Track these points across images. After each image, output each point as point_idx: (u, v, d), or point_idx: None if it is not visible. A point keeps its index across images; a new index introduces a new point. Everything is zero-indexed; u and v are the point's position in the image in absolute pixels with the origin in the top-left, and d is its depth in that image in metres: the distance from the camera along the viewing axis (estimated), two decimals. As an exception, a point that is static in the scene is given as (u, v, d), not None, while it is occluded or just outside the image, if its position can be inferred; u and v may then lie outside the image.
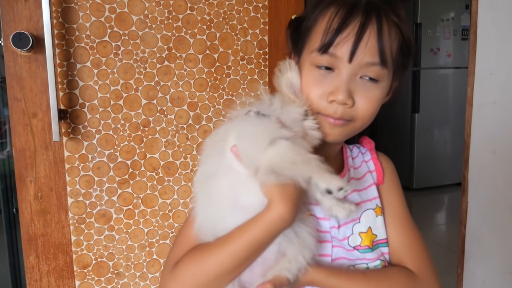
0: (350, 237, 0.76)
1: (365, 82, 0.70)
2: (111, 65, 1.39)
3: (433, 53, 4.14)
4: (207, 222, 0.66)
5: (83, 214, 1.43)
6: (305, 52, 0.74)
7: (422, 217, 3.66)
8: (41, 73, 1.32)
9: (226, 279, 0.63)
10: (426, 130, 4.21)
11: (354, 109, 0.71)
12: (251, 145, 0.64)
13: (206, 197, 0.67)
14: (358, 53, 0.67)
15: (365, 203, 0.78)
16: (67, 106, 1.37)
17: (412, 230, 0.81)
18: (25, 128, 1.34)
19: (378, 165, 0.83)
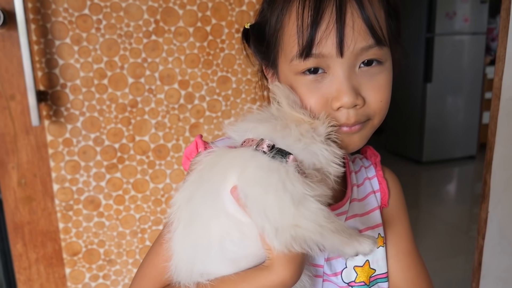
0: (344, 272, 0.66)
1: (367, 70, 0.59)
2: (93, 41, 1.27)
3: (448, 17, 3.91)
4: (185, 263, 0.56)
5: (70, 201, 1.36)
6: (281, 63, 0.61)
7: (431, 193, 3.56)
8: (16, 51, 1.21)
9: None
10: (438, 100, 4.04)
11: (367, 106, 0.60)
12: (269, 198, 0.50)
13: (189, 237, 0.56)
14: (348, 42, 0.55)
15: (366, 231, 0.67)
16: (47, 87, 1.26)
17: (418, 263, 0.70)
18: (3, 111, 1.25)
19: (383, 184, 0.71)
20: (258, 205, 0.50)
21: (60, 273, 1.41)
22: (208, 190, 0.55)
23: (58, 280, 1.41)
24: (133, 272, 1.46)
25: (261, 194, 0.50)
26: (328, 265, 0.66)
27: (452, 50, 3.97)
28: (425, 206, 3.25)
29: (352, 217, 0.67)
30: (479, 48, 4.00)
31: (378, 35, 0.57)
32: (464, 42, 3.99)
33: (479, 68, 4.01)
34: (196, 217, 0.55)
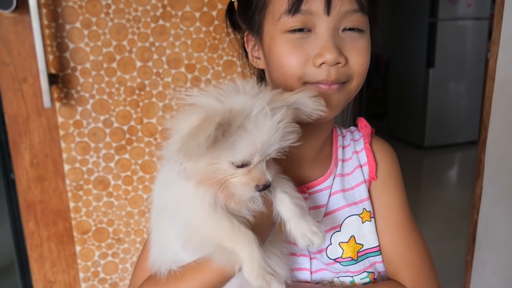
0: (329, 248, 0.66)
1: (350, 34, 0.61)
2: (102, 25, 1.31)
3: (452, 2, 3.90)
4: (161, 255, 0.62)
5: (81, 181, 1.40)
6: (268, 23, 0.63)
7: (432, 177, 3.60)
8: (28, 35, 1.25)
9: None
10: (440, 85, 4.05)
11: (348, 66, 0.61)
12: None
13: (160, 231, 0.62)
14: (335, 2, 0.58)
15: (349, 207, 0.67)
16: (58, 70, 1.30)
17: (410, 236, 0.69)
18: (15, 93, 1.28)
19: (370, 156, 0.71)
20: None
21: (71, 251, 1.46)
22: (168, 186, 0.60)
23: (68, 257, 1.47)
24: (140, 251, 1.52)
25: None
26: None
27: (455, 36, 3.97)
28: (427, 191, 3.30)
29: (336, 192, 0.67)
30: (482, 33, 3.99)
31: (361, 2, 0.59)
32: (467, 28, 3.99)
33: (482, 54, 4.01)
34: (161, 212, 0.60)
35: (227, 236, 0.51)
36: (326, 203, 0.66)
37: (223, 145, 0.49)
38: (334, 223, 0.66)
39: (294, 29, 0.59)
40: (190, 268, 0.59)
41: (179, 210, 0.56)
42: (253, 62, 0.70)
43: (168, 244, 0.61)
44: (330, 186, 0.68)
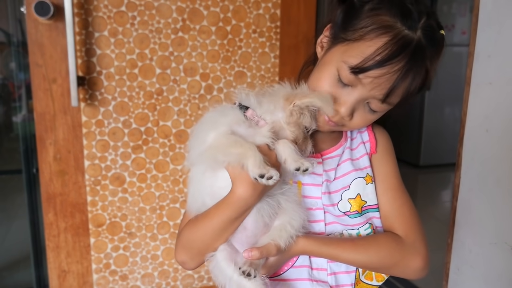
0: (340, 203, 0.81)
1: (367, 108, 0.77)
2: (127, 34, 1.44)
3: (447, 30, 4.09)
4: (193, 202, 0.78)
5: (99, 176, 1.51)
6: (338, 49, 0.75)
7: (427, 195, 3.71)
8: (61, 40, 1.38)
9: (211, 245, 0.75)
10: (436, 107, 4.20)
11: (350, 122, 0.78)
12: (202, 130, 0.73)
13: (191, 183, 0.78)
14: (378, 88, 0.72)
15: (356, 171, 0.82)
16: (85, 73, 1.43)
17: (402, 196, 0.84)
18: (45, 93, 1.41)
19: (371, 135, 0.87)
20: (198, 135, 0.74)
21: (85, 242, 1.56)
22: (197, 142, 0.75)
23: (83, 248, 1.57)
24: (150, 245, 1.62)
25: (201, 128, 0.74)
26: (326, 197, 0.80)
27: (451, 61, 4.15)
28: (422, 206, 3.40)
29: (346, 160, 0.83)
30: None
31: (391, 99, 0.74)
32: (462, 54, 4.16)
33: (477, 79, 4.17)
34: (192, 166, 0.77)
35: (239, 145, 0.68)
36: (335, 167, 0.83)
37: (304, 118, 0.74)
38: (344, 183, 0.82)
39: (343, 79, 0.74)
40: (212, 207, 0.74)
41: (204, 133, 0.73)
42: (318, 45, 0.83)
43: (197, 192, 0.77)
44: (339, 155, 0.84)
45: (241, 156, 0.67)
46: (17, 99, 2.97)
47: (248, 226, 0.74)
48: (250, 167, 0.67)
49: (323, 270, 0.81)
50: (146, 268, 1.63)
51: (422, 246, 0.81)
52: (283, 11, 1.58)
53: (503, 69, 1.02)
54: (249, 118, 0.72)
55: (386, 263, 0.80)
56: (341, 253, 0.77)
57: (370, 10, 0.74)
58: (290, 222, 0.74)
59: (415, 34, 0.71)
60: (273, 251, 0.72)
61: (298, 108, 0.73)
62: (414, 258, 0.80)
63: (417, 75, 0.72)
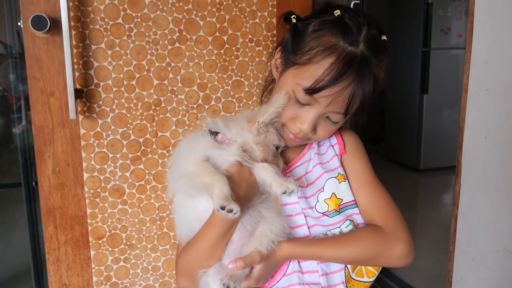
0: (317, 205, 0.86)
1: (328, 120, 0.83)
2: (124, 46, 1.44)
3: (443, 33, 4.11)
4: (182, 230, 0.83)
5: (98, 189, 1.51)
6: (291, 72, 0.81)
7: (428, 198, 3.71)
8: (58, 54, 1.38)
9: (206, 265, 0.79)
10: (434, 111, 4.22)
11: (314, 136, 0.85)
12: (179, 159, 0.79)
13: (175, 212, 0.84)
14: (332, 103, 0.78)
15: (327, 173, 0.88)
16: (82, 85, 1.43)
17: (377, 189, 0.88)
18: (43, 106, 1.41)
19: (339, 137, 0.92)
20: (171, 163, 0.79)
21: (86, 255, 1.56)
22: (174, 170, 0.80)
23: (83, 261, 1.56)
24: (151, 257, 1.61)
25: (176, 152, 0.80)
26: (303, 201, 0.85)
27: (448, 64, 4.16)
28: (422, 210, 3.41)
29: (316, 165, 0.89)
30: (474, 62, 4.18)
31: (349, 110, 0.80)
32: (459, 56, 4.18)
33: (474, 82, 4.18)
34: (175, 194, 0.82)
35: (209, 174, 0.72)
36: (304, 174, 0.88)
37: (270, 136, 0.79)
38: (318, 186, 0.87)
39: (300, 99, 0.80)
40: (201, 230, 0.78)
41: (181, 161, 0.78)
42: (273, 67, 0.90)
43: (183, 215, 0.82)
44: (306, 161, 0.90)
45: (209, 186, 0.71)
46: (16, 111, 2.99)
47: (234, 239, 0.78)
48: (214, 198, 0.70)
49: (314, 272, 0.84)
50: (147, 279, 1.62)
51: (403, 233, 0.83)
52: (279, 20, 1.58)
53: (500, 75, 1.02)
54: (220, 142, 0.77)
55: (370, 254, 0.83)
56: (325, 251, 0.81)
57: (313, 32, 0.79)
58: (270, 228, 0.78)
59: (358, 48, 0.76)
60: (257, 259, 0.76)
61: (263, 125, 0.78)
62: (397, 245, 0.82)
63: (368, 84, 0.78)
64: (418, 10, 4.08)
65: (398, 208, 0.88)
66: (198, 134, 0.81)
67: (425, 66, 4.12)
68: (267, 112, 0.78)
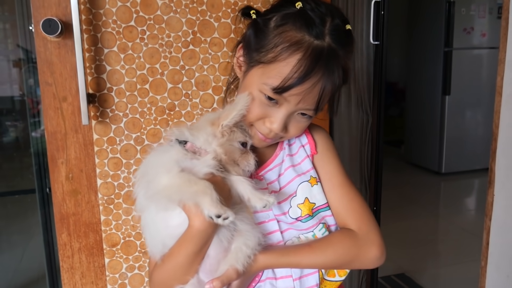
0: (290, 210, 0.84)
1: (299, 118, 0.81)
2: (137, 49, 1.41)
3: (466, 32, 4.00)
4: (154, 247, 0.80)
5: (112, 195, 1.48)
6: (256, 71, 0.78)
7: (450, 202, 3.61)
8: (70, 58, 1.35)
9: (182, 280, 0.77)
10: (457, 112, 4.10)
11: (286, 134, 0.83)
12: (149, 174, 0.75)
13: (145, 228, 0.80)
14: (302, 101, 0.76)
15: (299, 176, 0.85)
16: (95, 90, 1.40)
17: (350, 192, 0.87)
18: (56, 111, 1.39)
19: (309, 137, 0.89)
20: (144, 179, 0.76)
21: (100, 263, 1.53)
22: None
23: (97, 269, 1.53)
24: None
25: (142, 171, 0.78)
26: (275, 208, 0.83)
27: (470, 64, 4.05)
28: (445, 215, 3.31)
29: (288, 168, 0.86)
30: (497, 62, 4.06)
31: (320, 106, 0.78)
32: (482, 56, 4.06)
33: (498, 82, 4.06)
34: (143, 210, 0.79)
35: (193, 183, 0.70)
36: (277, 178, 0.86)
37: (234, 134, 0.77)
38: (290, 191, 0.85)
39: (268, 97, 0.77)
40: (176, 245, 0.76)
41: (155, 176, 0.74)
42: (235, 65, 0.87)
43: (155, 231, 0.79)
44: (279, 164, 0.87)
45: (197, 194, 0.69)
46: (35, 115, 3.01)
47: (210, 254, 0.76)
48: (207, 206, 0.68)
49: (288, 277, 0.84)
50: None
51: (375, 236, 0.84)
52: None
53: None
54: (190, 151, 0.75)
55: (345, 260, 0.84)
56: (301, 260, 0.81)
57: (276, 27, 0.76)
58: (246, 242, 0.76)
59: (324, 41, 0.74)
60: (233, 276, 0.75)
61: (227, 128, 0.75)
62: (370, 248, 0.83)
63: (337, 77, 0.76)
64: (440, 9, 3.97)
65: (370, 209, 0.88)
66: (166, 146, 0.78)
67: (447, 67, 4.01)
68: (230, 114, 0.75)
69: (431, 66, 4.14)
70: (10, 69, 3.23)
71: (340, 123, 1.73)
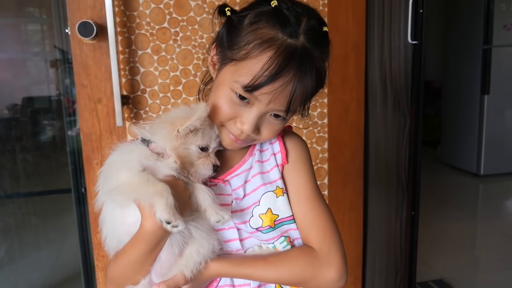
0: (251, 220, 0.81)
1: (271, 119, 0.78)
2: (170, 51, 1.41)
3: (506, 29, 3.83)
4: (110, 241, 0.80)
5: (145, 196, 1.49)
6: (228, 69, 0.76)
7: (489, 206, 3.47)
8: (105, 60, 1.37)
9: (133, 279, 0.77)
10: (496, 112, 3.94)
11: (259, 136, 0.80)
12: (113, 170, 0.75)
13: (103, 222, 0.80)
14: (272, 101, 0.74)
15: (265, 185, 0.83)
16: (129, 92, 1.41)
17: (316, 207, 0.84)
18: (91, 113, 1.40)
19: (281, 145, 0.86)
20: (105, 176, 0.76)
21: (133, 263, 1.54)
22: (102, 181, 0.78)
23: (131, 269, 1.54)
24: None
25: (107, 167, 0.77)
26: (236, 216, 0.81)
27: (510, 62, 3.88)
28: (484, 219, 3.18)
29: (256, 174, 0.84)
30: (541, 60, 3.88)
31: (291, 107, 0.75)
32: (523, 54, 3.89)
33: (541, 81, 3.89)
34: (103, 204, 0.79)
35: (151, 184, 0.69)
36: (243, 184, 0.83)
37: (193, 137, 0.75)
38: (254, 199, 0.82)
39: (240, 96, 0.75)
40: (129, 243, 0.76)
41: (115, 172, 0.74)
42: (209, 64, 0.85)
43: (114, 226, 0.79)
44: (247, 169, 0.85)
45: (153, 196, 0.68)
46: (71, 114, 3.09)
47: (162, 257, 0.76)
48: (160, 210, 0.68)
49: (246, 285, 0.83)
50: None
51: (336, 257, 0.81)
52: (330, 20, 1.50)
53: None
54: (154, 152, 0.74)
55: (299, 278, 0.81)
56: (253, 272, 0.79)
57: (249, 24, 0.74)
58: (198, 250, 0.76)
59: (298, 41, 0.72)
60: (181, 281, 0.75)
61: (183, 133, 0.74)
62: (328, 270, 0.81)
63: (310, 79, 0.73)
64: (478, 5, 3.83)
65: (337, 228, 0.85)
66: (131, 144, 0.78)
67: (486, 65, 3.86)
68: (186, 122, 0.73)
69: (470, 64, 3.99)
70: (47, 69, 3.32)
71: (376, 124, 1.68)
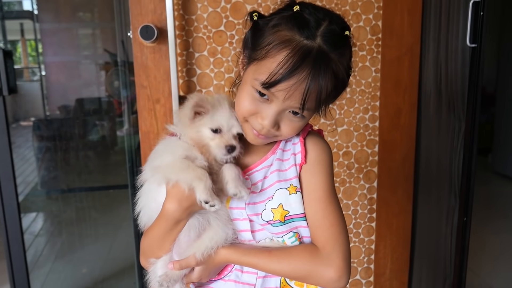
0: (263, 213, 0.86)
1: (291, 116, 0.82)
2: (226, 53, 1.45)
3: None
4: (143, 215, 0.90)
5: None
6: (251, 68, 0.82)
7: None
8: (164, 62, 1.43)
9: (157, 253, 0.87)
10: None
11: (280, 133, 0.84)
12: (160, 155, 0.85)
13: (141, 197, 0.89)
14: (290, 98, 0.78)
15: (280, 182, 0.87)
16: (186, 92, 1.46)
17: (326, 208, 0.87)
18: (149, 113, 1.46)
19: (302, 146, 0.90)
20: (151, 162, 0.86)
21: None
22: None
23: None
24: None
25: (154, 153, 0.88)
26: (249, 208, 0.86)
27: None
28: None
29: (274, 171, 0.89)
30: None
31: (307, 105, 0.79)
32: None
33: None
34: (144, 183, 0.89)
35: (191, 169, 0.79)
36: (262, 179, 0.89)
37: (205, 120, 0.83)
38: (269, 194, 0.88)
39: (259, 92, 0.80)
40: (155, 220, 0.85)
41: (160, 156, 0.85)
42: (240, 66, 0.90)
43: (147, 203, 0.88)
44: (268, 166, 0.90)
45: (193, 179, 0.78)
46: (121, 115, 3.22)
47: (181, 239, 0.85)
48: (199, 192, 0.77)
49: (253, 273, 0.89)
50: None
51: (337, 258, 0.85)
52: (385, 22, 1.50)
53: None
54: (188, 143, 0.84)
55: (299, 274, 0.87)
56: (258, 263, 0.86)
57: (271, 27, 0.80)
58: (212, 236, 0.84)
59: (315, 42, 0.76)
60: (192, 263, 0.84)
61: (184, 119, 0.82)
62: (327, 269, 0.85)
63: (324, 79, 0.77)
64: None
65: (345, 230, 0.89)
66: (173, 138, 0.87)
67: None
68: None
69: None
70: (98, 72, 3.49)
71: (429, 128, 1.65)
